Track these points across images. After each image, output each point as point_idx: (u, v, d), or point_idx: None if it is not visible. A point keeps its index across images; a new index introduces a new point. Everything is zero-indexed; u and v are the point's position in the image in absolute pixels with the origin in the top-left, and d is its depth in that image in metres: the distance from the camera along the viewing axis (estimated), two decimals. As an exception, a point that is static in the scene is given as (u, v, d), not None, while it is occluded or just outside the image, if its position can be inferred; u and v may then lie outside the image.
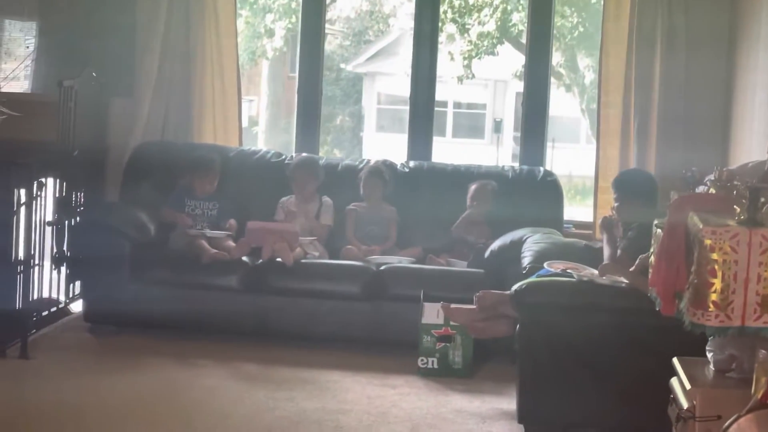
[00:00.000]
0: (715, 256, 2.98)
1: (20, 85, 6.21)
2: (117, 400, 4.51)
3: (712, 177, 3.46)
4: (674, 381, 3.52)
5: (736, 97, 5.93)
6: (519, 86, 13.94)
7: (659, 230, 3.41)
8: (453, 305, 5.06)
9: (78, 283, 5.78)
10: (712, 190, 3.42)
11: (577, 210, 9.43)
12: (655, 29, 6.04)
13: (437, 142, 6.78)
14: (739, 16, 5.98)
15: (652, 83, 6.08)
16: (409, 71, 6.70)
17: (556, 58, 13.18)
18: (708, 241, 2.99)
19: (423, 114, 6.58)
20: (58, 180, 5.57)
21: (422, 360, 5.13)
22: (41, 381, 4.71)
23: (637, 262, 4.20)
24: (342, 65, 16.07)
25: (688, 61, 6.03)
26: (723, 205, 3.22)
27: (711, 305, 2.99)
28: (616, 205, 4.82)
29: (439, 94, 6.78)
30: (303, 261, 5.56)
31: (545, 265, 4.69)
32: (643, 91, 6.09)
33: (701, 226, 3.03)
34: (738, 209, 3.09)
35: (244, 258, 5.55)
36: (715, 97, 6.07)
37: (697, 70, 6.04)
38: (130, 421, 4.26)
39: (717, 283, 2.97)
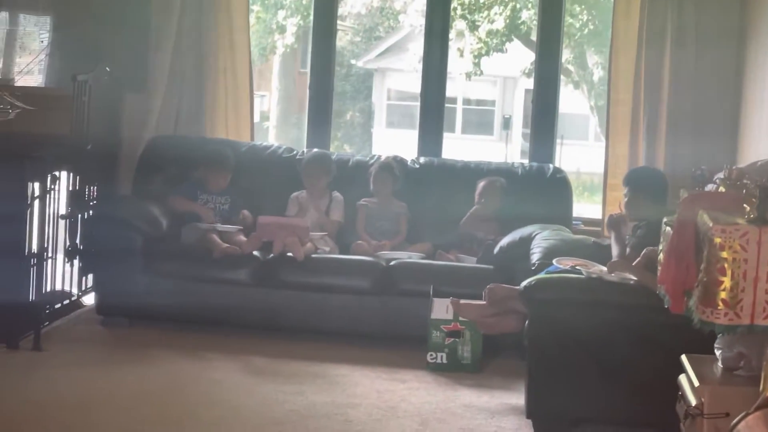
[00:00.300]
0: (724, 254, 2.99)
1: (34, 79, 6.24)
2: (127, 392, 4.55)
3: (721, 175, 3.47)
4: (683, 378, 3.53)
5: (746, 94, 5.94)
6: (528, 83, 13.94)
7: (668, 228, 3.43)
8: (462, 301, 5.09)
9: (90, 276, 5.81)
10: (722, 189, 3.43)
11: (586, 207, 9.44)
12: (665, 26, 6.05)
13: (446, 138, 6.77)
14: (749, 13, 5.97)
15: (662, 80, 6.08)
16: (420, 67, 6.71)
17: (565, 55, 13.17)
18: (718, 240, 3.00)
19: (433, 110, 6.58)
20: (71, 173, 5.60)
21: (431, 355, 5.15)
22: (53, 372, 4.75)
23: (643, 252, 4.21)
24: (353, 61, 16.06)
25: (698, 58, 6.03)
26: (733, 203, 3.23)
27: (720, 303, 3.00)
28: (625, 200, 4.83)
29: (448, 91, 6.77)
30: (313, 256, 5.59)
31: (554, 261, 4.69)
32: (652, 88, 6.09)
33: (711, 225, 3.04)
34: (748, 208, 3.10)
35: (255, 252, 5.57)
36: (724, 94, 6.07)
37: (706, 68, 6.04)
38: (140, 413, 4.29)
39: (726, 282, 2.99)
